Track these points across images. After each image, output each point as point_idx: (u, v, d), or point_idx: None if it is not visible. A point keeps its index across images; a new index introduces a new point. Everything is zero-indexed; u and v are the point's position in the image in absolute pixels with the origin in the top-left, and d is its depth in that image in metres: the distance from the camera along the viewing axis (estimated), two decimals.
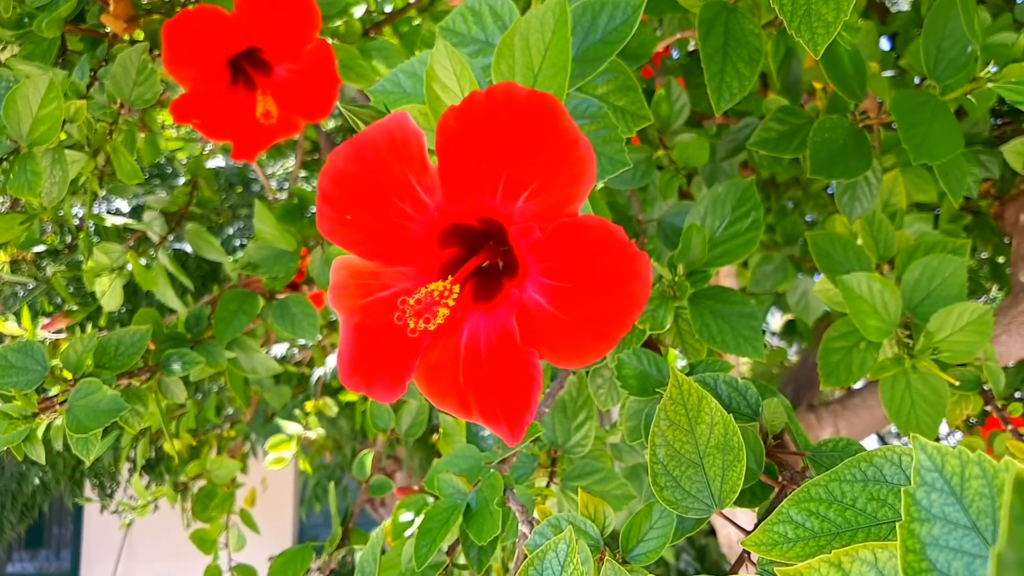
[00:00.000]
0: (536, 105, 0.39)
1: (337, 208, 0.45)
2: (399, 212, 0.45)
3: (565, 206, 0.41)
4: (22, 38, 0.91)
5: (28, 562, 6.20)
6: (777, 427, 0.52)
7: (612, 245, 0.40)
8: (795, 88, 0.87)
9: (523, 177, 0.41)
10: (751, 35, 0.64)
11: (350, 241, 0.47)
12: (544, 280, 0.43)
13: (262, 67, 0.97)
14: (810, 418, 1.45)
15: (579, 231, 0.41)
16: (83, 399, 0.82)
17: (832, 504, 0.40)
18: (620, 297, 0.40)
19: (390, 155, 0.43)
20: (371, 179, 0.44)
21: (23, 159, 0.77)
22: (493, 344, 0.47)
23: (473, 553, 0.67)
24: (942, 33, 0.75)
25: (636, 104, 0.61)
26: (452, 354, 0.48)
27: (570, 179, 0.40)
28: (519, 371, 0.44)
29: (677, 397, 0.49)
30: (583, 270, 0.41)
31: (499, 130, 0.40)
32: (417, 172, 0.44)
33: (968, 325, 0.72)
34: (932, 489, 0.29)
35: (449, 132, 0.42)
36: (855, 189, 0.86)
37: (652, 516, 0.51)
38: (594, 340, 0.42)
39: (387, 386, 0.48)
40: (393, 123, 0.43)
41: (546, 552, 0.45)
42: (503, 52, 0.48)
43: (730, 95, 0.64)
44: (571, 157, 0.40)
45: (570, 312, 0.42)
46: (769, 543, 0.41)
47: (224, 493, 1.49)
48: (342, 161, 0.44)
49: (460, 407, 0.48)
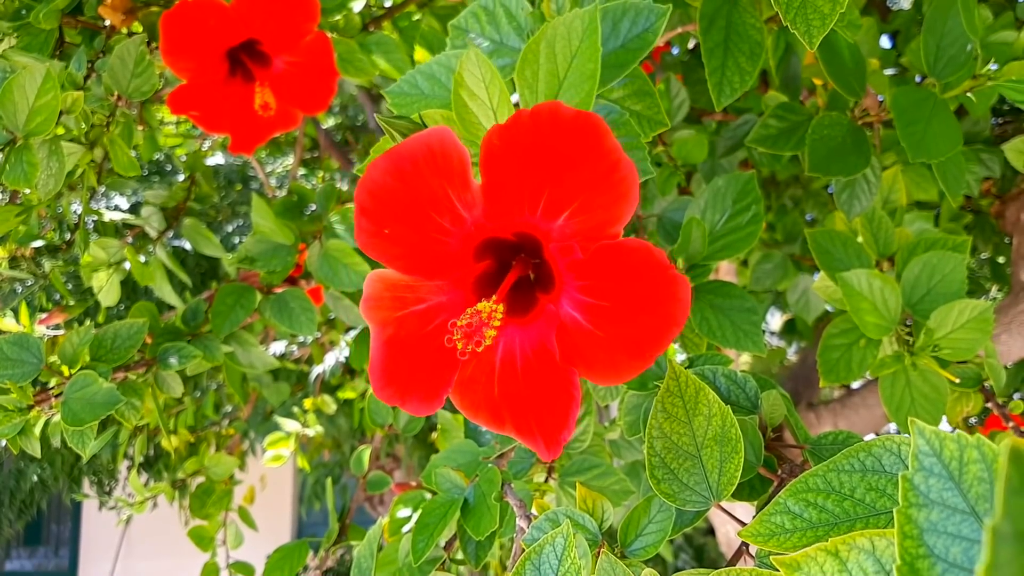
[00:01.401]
0: (581, 125, 0.40)
1: (375, 222, 0.45)
2: (437, 227, 0.45)
3: (607, 227, 0.42)
4: (19, 29, 0.90)
5: (27, 559, 6.19)
6: (776, 420, 0.52)
7: (653, 268, 0.41)
8: (794, 85, 0.87)
9: (565, 196, 0.41)
10: (753, 29, 0.63)
11: (389, 255, 0.47)
12: (582, 298, 0.44)
13: (260, 59, 0.97)
14: (810, 417, 1.45)
15: (620, 254, 0.42)
16: (78, 392, 0.82)
17: (830, 494, 0.40)
18: (658, 318, 0.41)
19: (429, 169, 0.43)
20: (410, 193, 0.44)
21: (19, 150, 0.77)
22: (529, 359, 0.47)
23: (470, 548, 0.66)
24: (942, 31, 0.75)
25: (653, 109, 0.61)
26: (487, 367, 0.48)
27: (613, 200, 0.41)
28: (557, 388, 0.45)
29: (674, 389, 0.49)
30: (623, 290, 0.42)
31: (543, 149, 0.40)
32: (458, 188, 0.43)
33: (969, 322, 0.72)
34: (930, 474, 0.29)
35: (493, 149, 0.42)
36: (854, 187, 0.85)
37: (651, 510, 0.51)
38: (630, 359, 0.42)
39: (423, 399, 0.48)
40: (433, 137, 0.43)
41: (543, 546, 0.45)
42: (528, 58, 0.48)
43: (731, 90, 0.64)
44: (614, 178, 0.40)
45: (608, 330, 0.43)
46: (766, 534, 0.40)
47: (222, 490, 1.49)
48: (380, 174, 0.44)
49: (494, 420, 0.48)
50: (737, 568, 0.42)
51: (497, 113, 0.47)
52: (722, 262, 1.56)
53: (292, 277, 1.21)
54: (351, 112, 3.33)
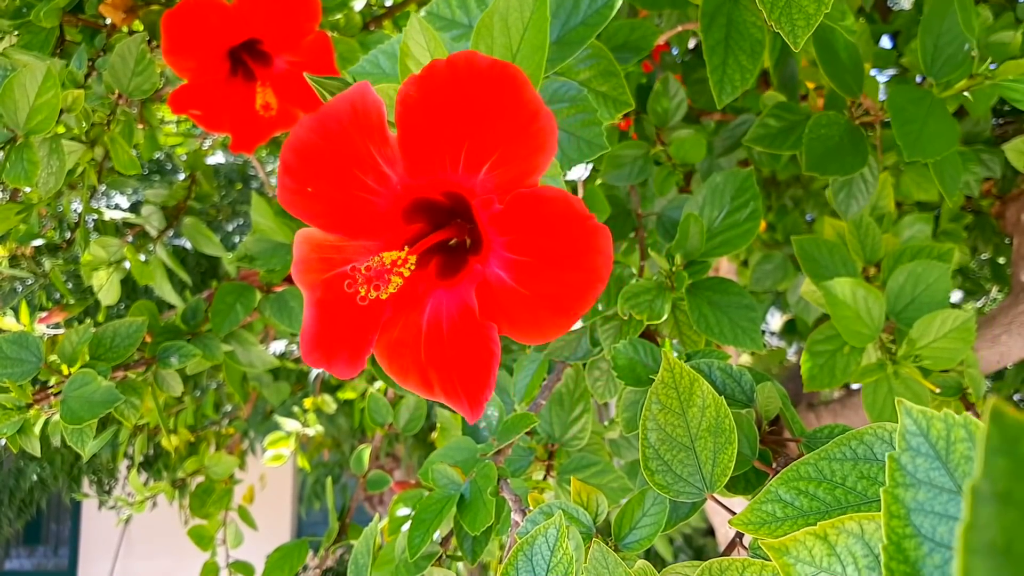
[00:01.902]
0: (498, 74, 0.39)
1: (298, 179, 0.45)
2: (361, 185, 0.45)
3: (526, 177, 0.41)
4: (20, 28, 0.91)
5: (26, 559, 6.18)
6: (771, 413, 0.52)
7: (571, 217, 0.40)
8: (792, 84, 0.87)
9: (484, 148, 0.40)
10: (753, 27, 0.63)
11: (311, 214, 0.46)
12: (506, 254, 0.43)
13: (262, 59, 0.97)
14: (810, 417, 1.45)
15: (537, 202, 0.40)
16: (77, 390, 0.82)
17: (822, 483, 0.40)
18: (582, 271, 0.40)
19: (352, 126, 0.42)
20: (333, 150, 0.43)
21: (20, 148, 0.77)
22: (455, 320, 0.46)
23: (467, 543, 0.66)
24: (939, 30, 0.75)
25: (618, 90, 0.61)
26: (414, 331, 0.47)
27: (532, 150, 0.40)
28: (479, 346, 0.44)
29: (669, 380, 0.49)
30: (543, 243, 0.41)
31: (460, 99, 0.39)
32: (378, 143, 0.43)
33: (951, 332, 0.72)
34: (917, 454, 0.29)
35: (409, 101, 0.41)
36: (851, 186, 0.85)
37: (645, 503, 0.51)
38: (556, 315, 0.41)
39: (346, 362, 0.47)
40: (355, 93, 0.42)
41: (536, 537, 0.45)
42: (481, 32, 0.48)
43: (732, 88, 0.64)
44: (533, 128, 0.39)
45: (532, 287, 0.42)
46: (757, 522, 0.40)
47: (222, 489, 1.49)
48: (305, 132, 0.44)
49: (422, 385, 0.47)
50: (728, 558, 0.42)
51: None
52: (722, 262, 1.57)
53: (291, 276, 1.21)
54: None
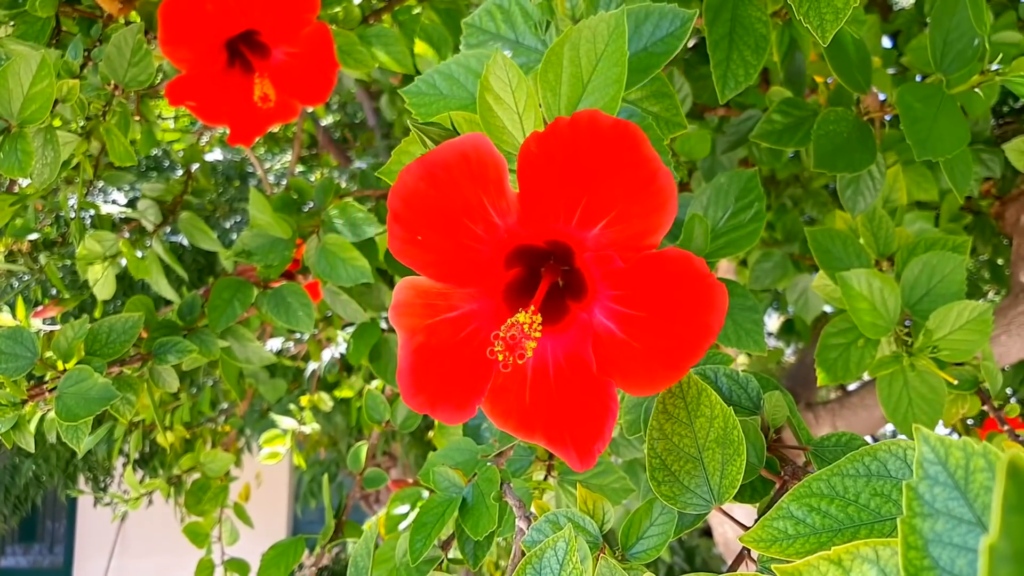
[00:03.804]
0: (620, 133, 0.39)
1: (408, 228, 0.44)
2: (471, 234, 0.45)
3: (645, 236, 0.41)
4: (15, 18, 0.89)
5: (21, 556, 6.17)
6: (778, 421, 0.51)
7: (694, 278, 0.40)
8: (799, 80, 0.86)
9: (603, 205, 0.41)
10: (758, 23, 0.63)
11: (421, 262, 0.46)
12: (616, 307, 0.43)
13: (260, 50, 0.96)
14: (808, 417, 1.44)
15: (663, 264, 0.41)
16: (73, 386, 0.81)
17: (834, 499, 0.39)
18: (695, 328, 0.40)
19: (464, 176, 0.42)
20: (444, 200, 0.43)
21: (14, 138, 0.76)
22: (563, 368, 0.46)
23: (469, 548, 0.65)
24: (948, 26, 0.74)
25: (671, 111, 0.60)
26: (518, 376, 0.48)
27: (651, 209, 0.40)
28: (593, 398, 0.44)
29: (676, 390, 0.48)
30: (660, 300, 0.41)
31: (581, 157, 0.40)
32: (493, 195, 0.43)
33: (968, 323, 0.71)
34: (935, 483, 0.28)
35: (531, 157, 0.41)
36: (858, 184, 0.85)
37: (652, 513, 0.50)
38: (665, 369, 0.42)
39: (455, 407, 0.48)
40: (468, 144, 0.42)
41: (544, 550, 0.44)
42: (551, 60, 0.47)
43: (735, 83, 0.63)
44: (653, 188, 0.40)
45: (643, 341, 0.42)
46: (768, 539, 0.40)
47: (217, 486, 1.48)
48: (414, 180, 0.43)
49: (523, 429, 0.47)
50: (739, 573, 0.41)
51: (523, 118, 0.46)
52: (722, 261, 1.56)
53: (289, 272, 1.20)
54: (350, 109, 3.32)
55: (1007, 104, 1.66)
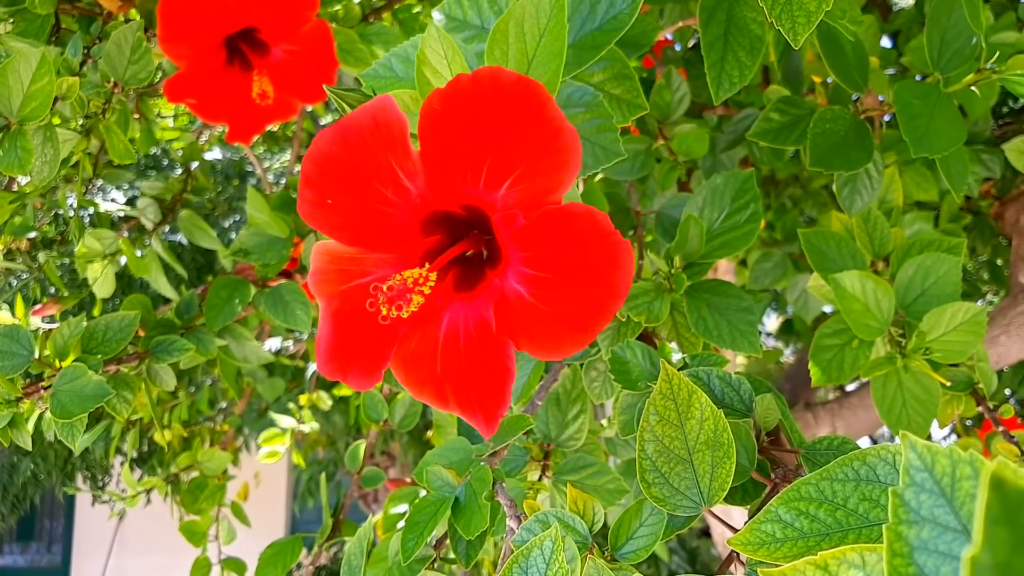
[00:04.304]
0: (523, 90, 0.39)
1: (318, 191, 0.45)
2: (381, 197, 0.45)
3: (548, 194, 0.41)
4: (15, 15, 0.89)
5: (19, 555, 6.17)
6: (770, 424, 0.51)
7: (597, 234, 0.39)
8: (796, 79, 0.85)
9: (507, 163, 0.40)
10: (753, 23, 0.62)
11: (330, 226, 0.46)
12: (526, 270, 0.43)
13: (259, 47, 0.96)
14: (807, 417, 1.44)
15: (564, 219, 0.40)
16: (67, 384, 0.81)
17: (823, 504, 0.39)
18: (602, 288, 0.40)
19: (374, 139, 0.42)
20: (354, 163, 0.43)
21: (13, 135, 0.76)
22: (472, 334, 0.46)
23: (461, 547, 0.65)
24: (946, 24, 0.74)
25: (632, 93, 0.60)
26: (431, 344, 0.47)
27: (555, 167, 0.40)
28: (495, 362, 0.44)
29: (667, 392, 0.48)
30: (566, 259, 0.40)
31: (484, 114, 0.39)
32: (399, 157, 0.43)
33: (961, 325, 0.71)
34: (921, 490, 0.28)
35: (433, 115, 0.41)
36: (855, 182, 0.84)
37: (642, 513, 0.50)
38: (574, 332, 0.41)
39: (362, 374, 0.47)
40: (377, 106, 0.42)
41: (531, 549, 0.44)
42: (497, 38, 0.47)
43: (730, 84, 0.63)
44: (556, 145, 0.39)
45: (551, 303, 0.42)
46: (756, 543, 0.39)
47: (215, 485, 1.48)
48: (326, 144, 0.44)
49: (438, 398, 0.47)
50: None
51: None
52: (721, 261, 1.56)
53: (287, 271, 1.20)
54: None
55: (1007, 105, 1.65)
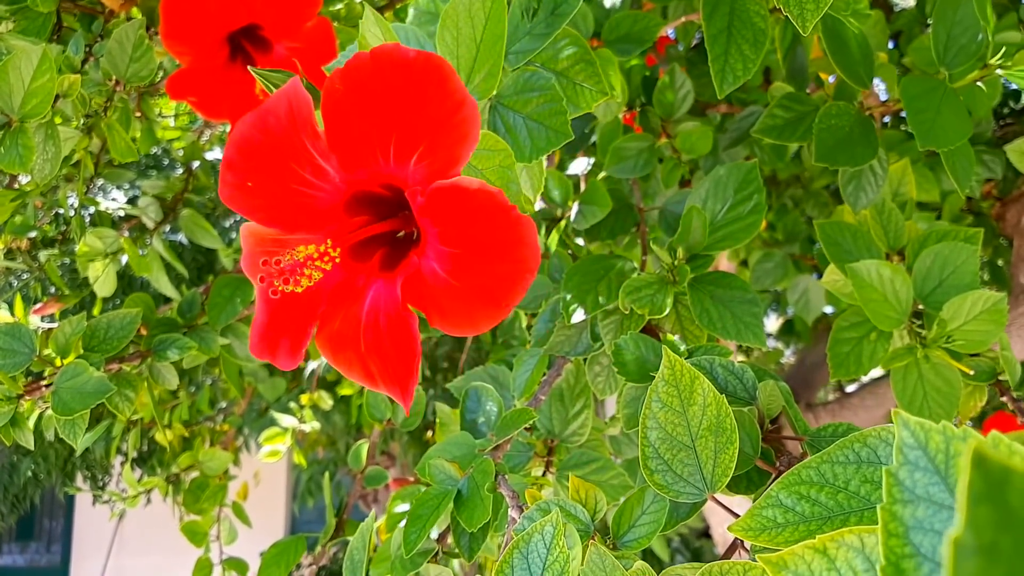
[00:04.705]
0: (423, 65, 0.39)
1: (239, 175, 0.45)
2: (300, 179, 0.45)
3: (450, 168, 0.41)
4: (16, 13, 0.89)
5: (18, 555, 6.15)
6: (774, 411, 0.51)
7: (494, 208, 0.40)
8: (801, 75, 0.85)
9: (412, 138, 0.41)
10: (756, 16, 0.62)
11: (249, 208, 0.47)
12: (439, 247, 0.43)
13: (262, 45, 0.96)
14: (808, 417, 1.44)
15: (458, 194, 0.41)
16: (68, 381, 0.81)
17: (824, 487, 0.38)
18: (509, 263, 0.40)
19: (288, 121, 0.43)
20: (272, 146, 0.44)
21: (14, 133, 0.76)
22: (390, 311, 0.47)
23: (464, 540, 0.65)
24: (952, 20, 0.73)
25: (594, 78, 0.61)
26: (354, 322, 0.48)
27: (456, 140, 0.40)
28: (405, 337, 0.45)
29: (669, 378, 0.48)
30: (470, 235, 0.41)
31: (386, 91, 0.40)
32: (311, 137, 0.43)
33: (982, 313, 0.70)
34: (915, 468, 0.27)
35: (335, 94, 0.41)
36: (860, 179, 0.84)
37: (644, 501, 0.50)
38: (485, 307, 0.41)
39: (287, 354, 0.48)
40: (290, 89, 0.43)
41: (532, 535, 0.44)
42: (447, 23, 0.49)
43: (734, 78, 0.63)
44: (457, 118, 0.40)
45: (462, 278, 0.42)
46: (757, 528, 0.39)
47: (216, 485, 1.48)
48: (247, 128, 0.44)
49: (365, 375, 0.47)
50: (729, 561, 0.41)
51: None
52: (722, 261, 1.56)
53: None
54: None
55: (1008, 106, 1.66)
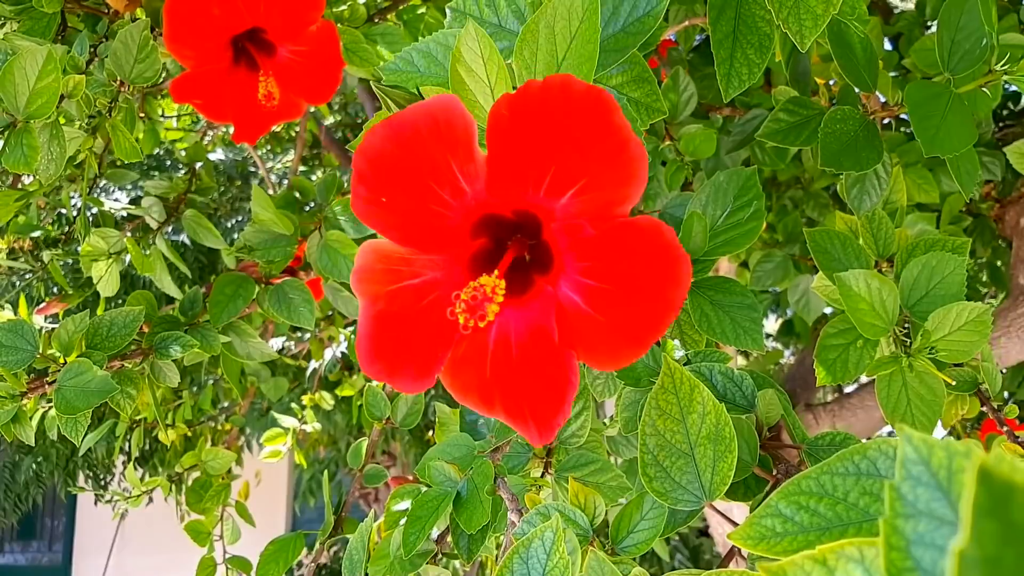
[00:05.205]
0: (592, 100, 0.39)
1: (373, 189, 0.44)
2: (437, 199, 0.44)
3: (613, 207, 0.41)
4: (21, 14, 0.90)
5: (20, 554, 6.16)
6: (772, 419, 0.51)
7: (663, 249, 0.40)
8: (804, 80, 0.86)
9: (572, 173, 0.40)
10: (762, 21, 0.62)
11: (385, 225, 0.46)
12: (582, 279, 0.43)
13: (265, 48, 0.96)
14: (807, 418, 1.44)
15: (632, 233, 0.40)
16: (72, 379, 0.81)
17: (823, 497, 0.38)
18: (659, 302, 0.40)
19: (432, 138, 0.42)
20: (410, 162, 0.43)
21: (19, 133, 0.76)
22: (525, 341, 0.46)
23: (463, 542, 0.66)
24: (956, 25, 0.74)
25: (652, 96, 0.60)
26: (480, 348, 0.47)
27: (621, 179, 0.40)
28: (554, 372, 0.44)
29: (669, 386, 0.48)
30: (627, 272, 0.41)
31: (552, 121, 0.39)
32: (461, 158, 0.42)
33: (967, 324, 0.71)
34: (918, 483, 0.27)
35: (501, 120, 0.40)
36: (864, 183, 0.84)
37: (643, 507, 0.50)
38: (628, 344, 0.41)
39: (413, 377, 0.47)
40: (437, 105, 0.42)
41: (532, 540, 0.44)
42: (527, 38, 0.47)
43: (739, 82, 0.63)
44: (624, 157, 0.39)
45: (607, 314, 0.42)
46: (756, 537, 0.39)
47: (219, 484, 1.48)
48: (380, 141, 0.43)
49: (484, 403, 0.47)
50: (729, 570, 0.41)
51: (495, 91, 0.46)
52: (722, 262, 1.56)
53: (291, 268, 1.20)
54: (351, 110, 3.32)
55: (1007, 107, 1.66)
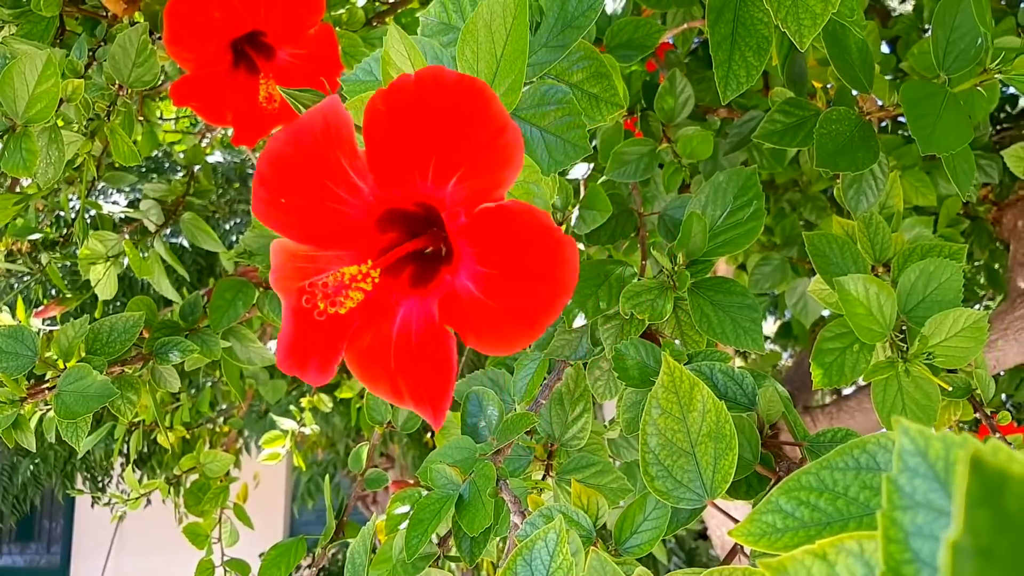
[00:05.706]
0: (465, 89, 0.40)
1: (272, 191, 0.46)
2: (334, 196, 0.46)
3: (492, 191, 0.42)
4: (19, 17, 0.90)
5: (18, 555, 6.15)
6: (773, 417, 0.51)
7: (538, 230, 0.40)
8: (800, 81, 0.86)
9: (452, 161, 0.41)
10: (760, 24, 0.63)
11: (283, 224, 0.47)
12: (475, 266, 0.44)
13: (265, 51, 0.97)
14: (806, 420, 1.45)
15: (504, 216, 0.41)
16: (72, 384, 0.81)
17: (823, 493, 0.39)
18: (548, 283, 0.40)
19: (324, 138, 0.44)
20: (306, 162, 0.45)
21: (18, 137, 0.76)
22: (422, 329, 0.47)
23: (465, 544, 0.66)
24: (951, 26, 0.74)
25: (610, 91, 0.61)
26: (385, 339, 0.48)
27: (498, 164, 0.41)
28: (440, 355, 0.45)
29: (669, 384, 0.48)
30: (510, 256, 0.41)
31: (428, 113, 0.40)
32: (348, 156, 0.44)
33: (963, 331, 0.71)
34: (915, 475, 0.28)
35: (377, 115, 0.42)
36: (861, 183, 0.85)
37: (646, 507, 0.50)
38: (521, 327, 0.42)
39: (317, 369, 0.48)
40: (326, 107, 0.44)
41: (535, 542, 0.44)
42: (467, 38, 0.49)
43: (737, 84, 0.63)
44: (499, 142, 0.40)
45: (498, 298, 0.42)
46: (757, 533, 0.40)
47: (218, 487, 1.48)
48: (280, 144, 0.45)
49: (392, 392, 0.48)
50: (730, 567, 0.41)
51: None
52: (720, 264, 1.56)
53: None
54: None
55: (1004, 111, 1.67)
